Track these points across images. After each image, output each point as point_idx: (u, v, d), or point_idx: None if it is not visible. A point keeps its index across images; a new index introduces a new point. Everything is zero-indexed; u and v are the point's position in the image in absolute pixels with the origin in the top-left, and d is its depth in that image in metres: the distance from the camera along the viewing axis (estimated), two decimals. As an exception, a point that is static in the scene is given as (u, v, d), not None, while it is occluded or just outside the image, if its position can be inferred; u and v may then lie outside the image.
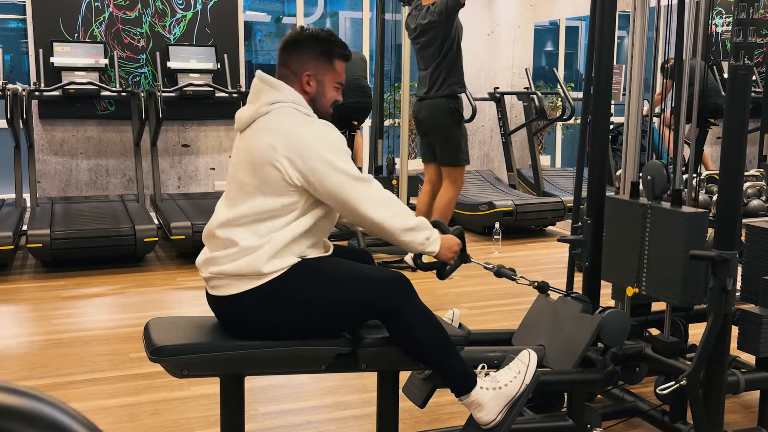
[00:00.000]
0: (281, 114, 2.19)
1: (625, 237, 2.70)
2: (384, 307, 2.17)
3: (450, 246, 2.34)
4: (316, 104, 2.27)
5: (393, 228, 2.20)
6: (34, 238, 4.97)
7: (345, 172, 2.14)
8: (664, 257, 2.53)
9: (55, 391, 3.18)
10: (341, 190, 2.14)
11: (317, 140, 2.15)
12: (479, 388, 2.26)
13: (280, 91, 2.22)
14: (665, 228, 2.53)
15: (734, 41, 2.34)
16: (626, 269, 2.70)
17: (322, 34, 2.28)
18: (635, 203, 2.67)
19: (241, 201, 2.18)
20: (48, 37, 6.52)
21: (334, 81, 2.29)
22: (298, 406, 3.06)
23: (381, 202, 2.19)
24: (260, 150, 2.15)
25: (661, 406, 2.73)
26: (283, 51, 2.29)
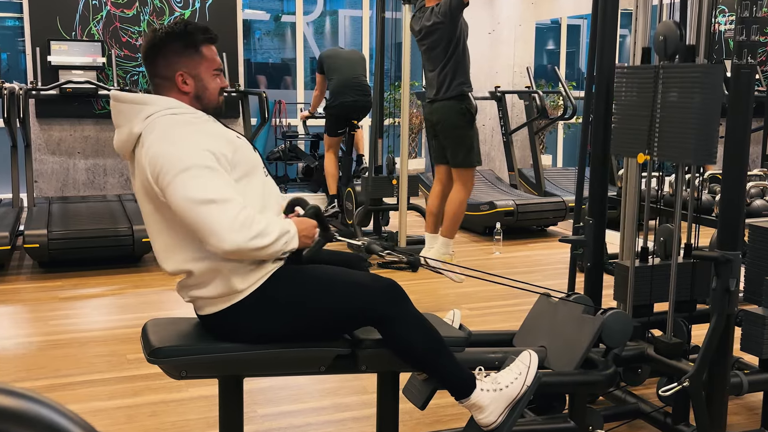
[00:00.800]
0: (152, 126, 2.04)
1: (635, 105, 2.63)
2: (376, 315, 2.15)
3: (305, 231, 2.16)
4: (202, 100, 2.15)
5: (250, 253, 1.99)
6: (31, 239, 4.97)
7: (188, 194, 1.93)
8: (677, 117, 2.47)
9: (52, 392, 3.18)
10: (188, 216, 1.95)
11: (170, 153, 1.97)
12: (480, 389, 2.26)
13: (149, 104, 2.07)
14: (679, 85, 2.47)
15: (737, 40, 2.34)
16: (637, 136, 2.62)
17: (176, 28, 2.14)
18: (647, 67, 2.62)
19: (160, 232, 2.09)
20: (45, 35, 6.52)
21: (210, 69, 2.15)
22: (298, 408, 3.06)
23: (232, 227, 1.93)
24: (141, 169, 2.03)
25: (664, 407, 2.73)
26: (147, 60, 2.15)
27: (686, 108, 2.44)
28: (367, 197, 5.78)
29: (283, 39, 11.81)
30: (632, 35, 3.04)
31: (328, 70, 6.44)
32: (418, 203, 6.09)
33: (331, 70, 6.41)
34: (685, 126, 2.44)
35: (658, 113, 2.54)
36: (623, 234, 3.21)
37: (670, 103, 2.50)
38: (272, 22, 11.77)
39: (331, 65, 6.43)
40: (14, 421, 0.85)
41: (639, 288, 2.79)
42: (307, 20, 11.19)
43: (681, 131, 2.46)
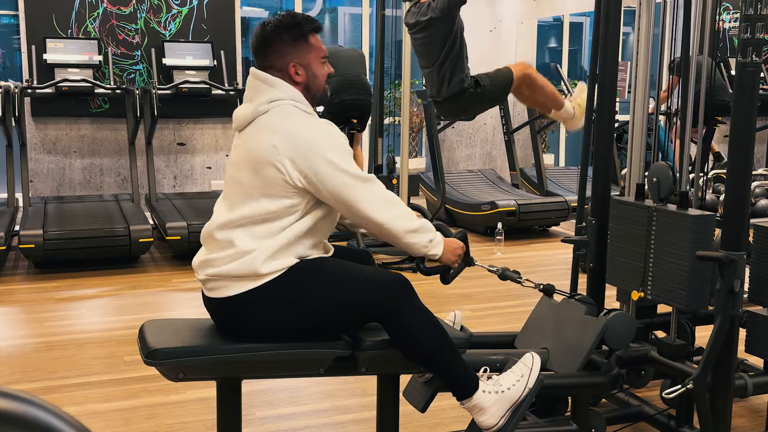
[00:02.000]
0: (282, 113, 2.19)
1: (630, 240, 2.70)
2: (384, 310, 2.17)
3: (453, 249, 2.34)
4: (311, 89, 2.27)
5: (396, 229, 2.20)
6: (27, 239, 4.97)
7: (348, 172, 2.14)
8: (670, 261, 2.53)
9: (48, 394, 3.18)
10: (344, 191, 2.14)
11: (320, 140, 2.14)
12: (481, 391, 2.26)
13: (278, 89, 2.21)
14: (671, 231, 2.54)
15: (742, 37, 2.34)
16: (631, 273, 2.70)
17: (285, 20, 2.25)
18: (640, 206, 2.68)
19: (241, 202, 2.18)
20: (41, 33, 6.52)
21: (319, 57, 2.28)
22: (296, 411, 3.06)
23: (384, 203, 2.18)
24: (261, 150, 2.15)
25: (667, 410, 2.73)
26: (259, 54, 2.27)
27: (679, 254, 2.51)
28: (367, 197, 5.78)
29: (281, 37, 11.79)
30: (635, 33, 3.04)
31: (327, 68, 6.42)
32: (418, 203, 6.09)
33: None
34: (678, 271, 2.51)
35: (651, 253, 2.61)
36: (626, 234, 3.21)
37: (663, 246, 2.57)
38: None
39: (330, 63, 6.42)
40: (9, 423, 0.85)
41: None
42: (306, 18, 11.17)
43: (674, 275, 2.53)
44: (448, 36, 4.74)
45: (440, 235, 2.32)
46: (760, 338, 2.63)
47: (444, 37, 4.74)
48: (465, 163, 8.56)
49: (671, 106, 5.29)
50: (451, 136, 8.62)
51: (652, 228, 2.61)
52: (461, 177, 7.52)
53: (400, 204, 2.24)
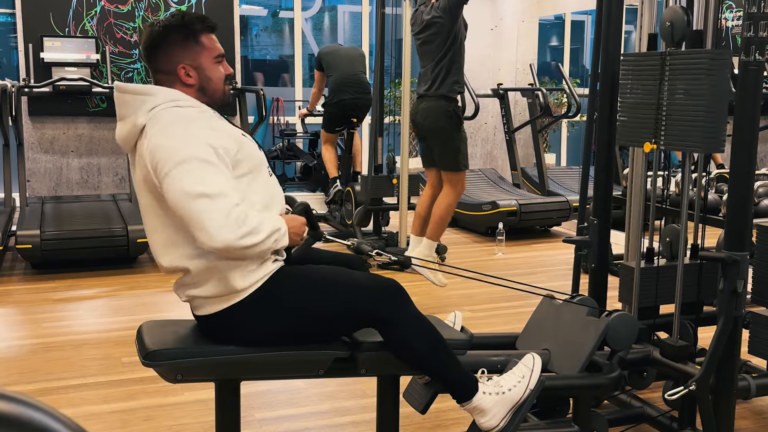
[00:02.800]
0: (156, 119, 2.05)
1: (641, 92, 2.63)
2: (378, 317, 2.15)
3: (294, 228, 2.15)
4: (207, 91, 2.16)
5: (240, 251, 1.98)
6: (24, 239, 4.97)
7: (182, 186, 1.94)
8: (685, 104, 2.47)
9: (46, 396, 3.18)
10: (181, 209, 1.96)
11: (172, 148, 1.98)
12: (482, 393, 2.26)
13: (153, 95, 2.08)
14: (686, 72, 2.47)
15: (745, 36, 2.34)
16: (644, 125, 2.62)
17: (173, 21, 2.15)
18: (653, 54, 2.62)
19: (158, 227, 2.09)
20: (38, 31, 6.52)
21: (211, 58, 2.16)
22: (296, 412, 3.06)
23: (224, 223, 1.93)
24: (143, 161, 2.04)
25: (670, 412, 2.73)
26: (147, 56, 2.16)
27: (694, 95, 2.44)
28: (367, 197, 5.79)
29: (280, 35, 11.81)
30: (637, 31, 3.04)
31: (327, 67, 6.44)
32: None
33: (330, 67, 6.40)
34: (692, 114, 2.44)
35: (665, 101, 2.54)
36: (628, 234, 3.21)
37: (677, 91, 2.50)
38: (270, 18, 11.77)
39: (330, 62, 6.43)
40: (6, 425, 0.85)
41: (644, 289, 2.79)
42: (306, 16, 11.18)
43: (689, 119, 2.46)
44: (449, 35, 4.76)
45: (283, 225, 2.09)
46: (763, 339, 2.63)
47: (445, 36, 4.77)
48: (466, 163, 8.54)
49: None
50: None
51: (665, 74, 2.54)
52: (462, 177, 7.50)
53: (247, 219, 1.97)
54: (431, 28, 4.80)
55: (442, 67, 4.81)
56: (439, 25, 4.75)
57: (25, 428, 0.86)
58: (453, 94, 4.86)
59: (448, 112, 4.84)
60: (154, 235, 2.12)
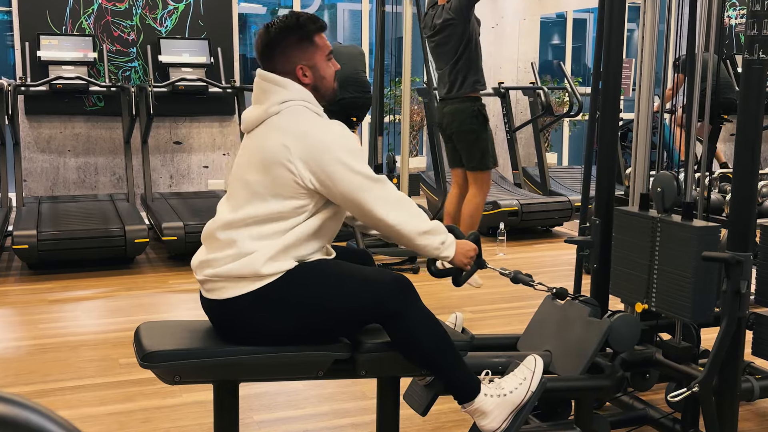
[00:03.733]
0: (293, 113, 2.20)
1: (634, 250, 2.70)
2: (386, 311, 2.17)
3: (465, 251, 2.34)
4: (320, 89, 2.29)
5: (408, 231, 2.21)
6: (20, 239, 4.97)
7: (360, 173, 2.16)
8: (675, 272, 2.53)
9: (42, 398, 3.18)
10: (356, 193, 2.15)
11: (332, 141, 2.16)
12: (483, 395, 2.26)
13: (288, 89, 2.22)
14: (676, 242, 2.53)
15: (748, 34, 2.34)
16: (635, 284, 2.70)
17: (289, 22, 2.26)
18: (644, 216, 2.67)
19: (247, 202, 2.18)
20: (34, 29, 6.52)
21: (324, 56, 2.29)
22: (295, 414, 3.06)
23: (395, 203, 2.21)
24: (272, 150, 2.15)
25: (673, 413, 2.73)
26: (264, 59, 2.27)
27: (683, 266, 2.50)
28: (367, 197, 5.77)
29: (280, 33, 11.79)
30: (640, 29, 3.04)
31: (326, 65, 6.42)
32: (419, 203, 6.09)
33: (330, 66, 6.39)
34: (682, 284, 2.51)
35: (655, 265, 2.61)
36: (631, 235, 3.21)
37: (667, 258, 2.57)
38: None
39: (331, 60, 6.41)
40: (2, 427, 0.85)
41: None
42: (305, 14, 11.16)
43: (679, 288, 2.53)
44: (463, 36, 4.79)
45: (452, 236, 2.32)
46: (766, 340, 2.63)
47: (459, 38, 4.80)
48: (466, 162, 8.55)
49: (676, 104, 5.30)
50: (452, 134, 8.61)
51: (656, 239, 2.61)
52: (463, 176, 7.50)
53: (412, 205, 2.26)
54: (444, 31, 4.83)
55: (461, 68, 4.85)
56: (453, 26, 4.78)
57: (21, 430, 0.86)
58: (476, 93, 4.91)
59: (473, 112, 4.90)
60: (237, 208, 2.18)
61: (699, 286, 2.47)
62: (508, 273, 2.61)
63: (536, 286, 2.57)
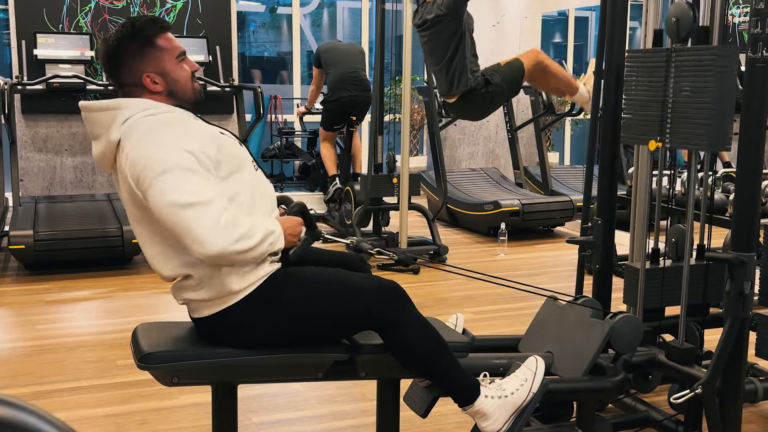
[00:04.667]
0: (130, 130, 2.03)
1: (647, 89, 2.63)
2: (379, 318, 2.15)
3: (291, 229, 2.14)
4: (176, 93, 2.14)
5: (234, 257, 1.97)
6: (17, 240, 4.97)
7: (169, 196, 1.92)
8: (691, 101, 2.47)
9: (39, 399, 3.18)
10: (170, 219, 1.94)
11: (150, 157, 1.96)
12: (484, 396, 2.26)
13: (123, 108, 2.06)
14: (692, 69, 2.47)
15: (752, 32, 2.34)
16: (649, 123, 2.62)
17: (125, 30, 2.10)
18: (658, 49, 2.62)
19: (151, 239, 2.08)
20: (31, 28, 6.52)
21: (173, 59, 2.13)
22: (294, 416, 3.06)
23: (214, 230, 1.92)
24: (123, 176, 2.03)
25: (676, 415, 2.73)
26: (109, 72, 2.13)
27: (700, 92, 2.44)
28: (367, 196, 5.78)
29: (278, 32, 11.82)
30: (643, 28, 3.04)
31: (325, 64, 6.44)
32: (419, 203, 6.09)
33: (329, 64, 6.40)
34: (698, 111, 2.44)
35: (670, 98, 2.54)
36: (633, 235, 3.21)
37: (683, 88, 2.50)
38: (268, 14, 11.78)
39: (328, 59, 6.43)
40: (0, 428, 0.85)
41: (650, 291, 2.79)
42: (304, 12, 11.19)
43: (695, 117, 2.46)
44: (455, 33, 4.76)
45: (278, 227, 2.08)
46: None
47: (451, 34, 4.76)
48: (467, 162, 8.56)
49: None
50: (453, 134, 8.62)
51: (671, 71, 2.54)
52: (463, 176, 7.52)
53: (237, 224, 1.96)
54: (436, 27, 4.80)
55: (456, 65, 4.81)
56: (445, 22, 4.76)
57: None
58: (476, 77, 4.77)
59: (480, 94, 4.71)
60: (148, 247, 2.11)
61: (716, 111, 2.40)
62: (349, 242, 2.58)
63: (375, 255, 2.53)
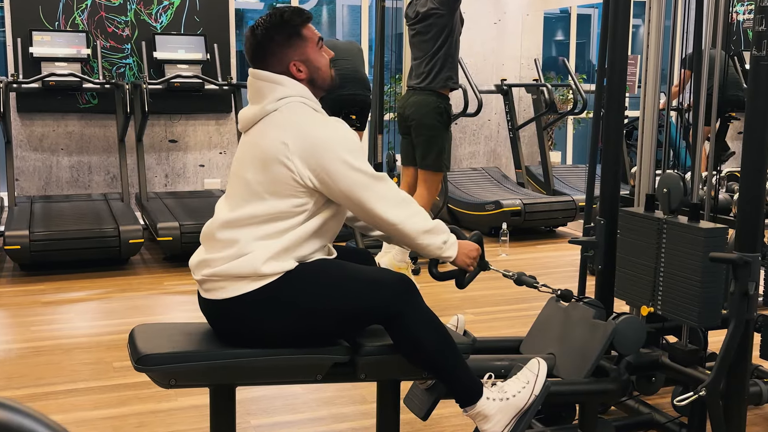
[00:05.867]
0: (291, 110, 2.21)
1: (639, 252, 2.70)
2: (388, 311, 2.17)
3: (468, 252, 2.36)
4: (317, 81, 2.29)
5: (409, 229, 2.23)
6: (12, 240, 4.97)
7: (361, 171, 2.16)
8: (681, 275, 2.53)
9: (34, 402, 3.18)
10: (357, 190, 2.16)
11: (332, 138, 2.17)
12: (485, 398, 2.26)
13: (285, 86, 2.23)
14: (682, 244, 2.53)
15: (756, 30, 2.34)
16: (641, 287, 2.69)
17: (274, 20, 2.27)
18: (650, 217, 2.67)
19: (246, 200, 2.18)
20: (26, 25, 6.52)
21: (315, 48, 2.29)
22: (293, 419, 3.06)
23: (397, 202, 2.22)
24: (271, 147, 2.16)
25: (679, 418, 2.73)
26: (256, 61, 2.28)
27: (690, 269, 2.49)
28: (367, 196, 5.77)
29: (277, 29, 11.81)
30: (646, 25, 3.05)
31: (324, 62, 6.42)
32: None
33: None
34: (689, 287, 2.50)
35: (662, 268, 2.60)
36: (636, 235, 3.21)
37: (673, 260, 2.56)
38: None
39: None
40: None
41: (653, 292, 2.79)
42: (303, 9, 11.17)
43: (686, 291, 2.52)
44: (445, 29, 4.78)
45: (455, 236, 2.33)
46: (775, 343, 2.63)
47: (440, 29, 4.78)
48: (468, 161, 8.55)
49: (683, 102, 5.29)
50: (454, 132, 8.59)
51: (662, 240, 2.61)
52: (464, 175, 7.52)
53: (414, 203, 2.27)
54: (427, 20, 4.81)
55: (437, 61, 4.82)
56: (436, 17, 4.76)
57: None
58: (446, 90, 4.87)
59: (439, 108, 4.84)
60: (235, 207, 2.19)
61: (707, 289, 2.47)
62: (511, 275, 2.60)
63: (540, 288, 2.57)
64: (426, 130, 4.85)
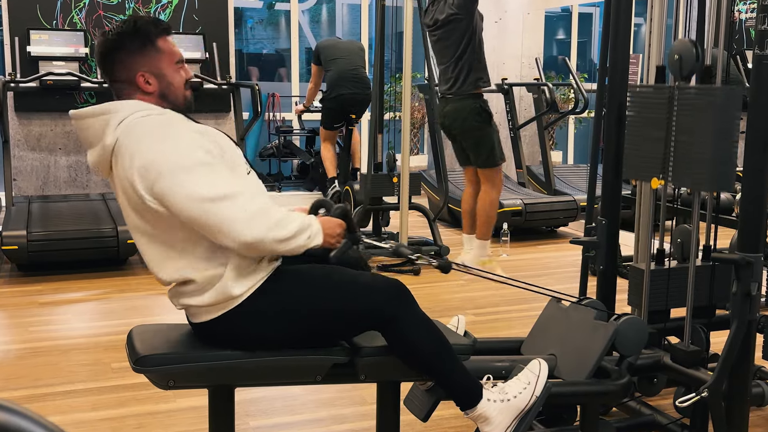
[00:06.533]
0: (130, 131, 2.03)
1: (649, 125, 2.63)
2: (381, 317, 2.16)
3: (330, 230, 2.17)
4: (168, 97, 2.15)
5: (271, 245, 2.02)
6: (10, 240, 4.97)
7: (197, 196, 1.96)
8: (693, 141, 2.46)
9: (32, 403, 3.18)
10: (200, 218, 1.97)
11: (163, 156, 1.98)
12: (486, 400, 2.26)
13: (115, 112, 2.06)
14: (694, 109, 2.46)
15: (759, 29, 2.34)
16: (651, 160, 2.62)
17: (126, 27, 2.12)
18: (661, 87, 2.63)
19: (151, 243, 2.09)
20: (24, 24, 6.52)
21: (172, 62, 2.15)
22: (292, 420, 3.06)
23: (251, 218, 1.98)
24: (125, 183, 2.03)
25: (681, 419, 2.73)
26: (103, 67, 2.14)
27: (703, 133, 2.44)
28: (366, 196, 5.78)
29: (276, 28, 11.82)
30: (647, 24, 3.04)
31: (324, 61, 6.43)
32: (419, 202, 6.09)
33: (328, 62, 6.40)
34: (701, 152, 2.44)
35: (672, 137, 2.54)
36: (638, 235, 3.21)
37: (685, 127, 2.50)
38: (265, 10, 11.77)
39: (328, 56, 6.43)
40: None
41: (654, 292, 2.79)
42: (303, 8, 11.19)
43: (697, 157, 2.46)
44: (466, 32, 4.81)
45: (317, 223, 2.14)
46: (778, 344, 2.63)
47: (461, 33, 4.82)
48: (469, 161, 8.55)
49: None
50: (454, 132, 8.61)
51: (673, 109, 2.53)
52: (465, 175, 7.50)
53: (270, 211, 2.03)
54: (447, 25, 4.84)
55: (464, 65, 4.87)
56: (456, 21, 4.80)
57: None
58: (478, 90, 4.94)
59: (476, 109, 4.94)
60: (148, 251, 2.12)
61: (718, 151, 2.40)
62: (389, 247, 2.57)
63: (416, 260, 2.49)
64: (471, 133, 4.99)
